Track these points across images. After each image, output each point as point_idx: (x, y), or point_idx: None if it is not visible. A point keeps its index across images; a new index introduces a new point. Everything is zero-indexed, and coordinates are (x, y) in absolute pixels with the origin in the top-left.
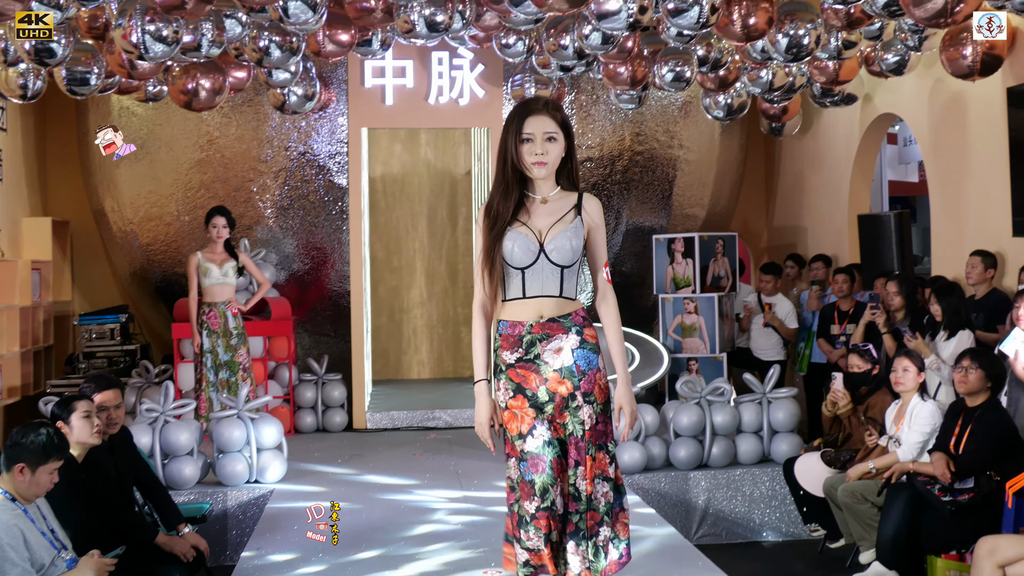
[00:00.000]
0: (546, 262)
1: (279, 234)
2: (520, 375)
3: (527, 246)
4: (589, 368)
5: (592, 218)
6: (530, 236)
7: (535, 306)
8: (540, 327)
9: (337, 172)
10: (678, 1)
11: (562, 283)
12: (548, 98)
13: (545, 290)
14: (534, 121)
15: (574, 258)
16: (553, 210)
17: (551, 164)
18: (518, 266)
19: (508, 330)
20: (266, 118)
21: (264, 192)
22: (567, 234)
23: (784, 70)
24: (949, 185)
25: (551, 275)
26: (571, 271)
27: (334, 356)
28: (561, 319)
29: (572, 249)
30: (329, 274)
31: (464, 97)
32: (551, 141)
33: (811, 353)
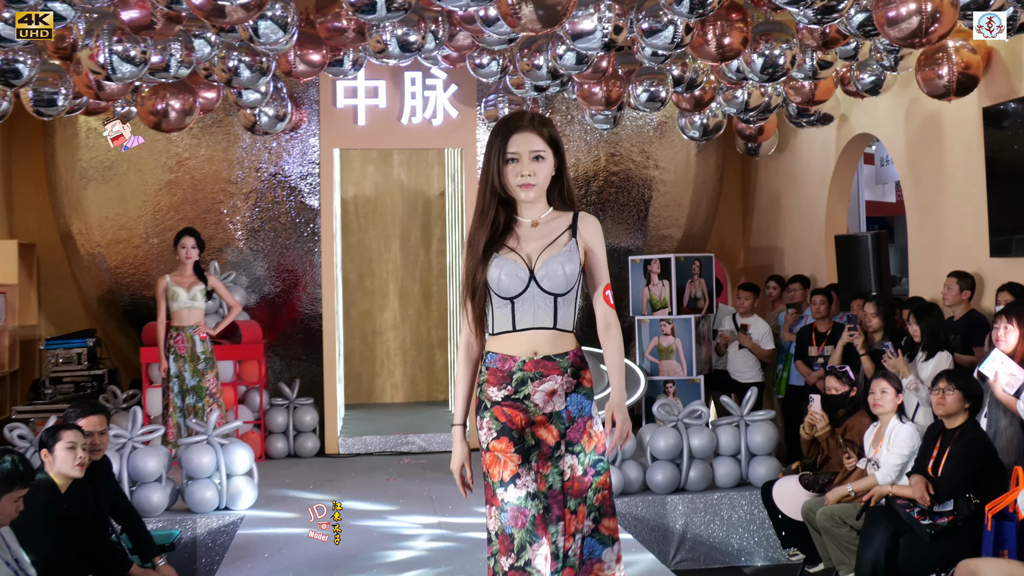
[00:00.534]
0: (537, 290)
1: (249, 256)
2: (507, 415)
3: (515, 273)
4: (580, 415)
5: (588, 239)
6: (518, 262)
7: (528, 340)
8: (533, 365)
9: (309, 193)
10: (652, 21)
11: (556, 313)
12: (535, 113)
13: (537, 321)
14: (519, 139)
15: (568, 285)
16: (544, 233)
17: (539, 185)
18: (506, 295)
19: (498, 364)
20: (236, 139)
21: (234, 214)
22: (559, 259)
23: (760, 90)
24: (926, 205)
25: (543, 305)
26: (566, 300)
27: (306, 380)
28: (557, 358)
29: (565, 275)
30: (300, 297)
31: (437, 117)
32: (538, 160)
33: (789, 375)
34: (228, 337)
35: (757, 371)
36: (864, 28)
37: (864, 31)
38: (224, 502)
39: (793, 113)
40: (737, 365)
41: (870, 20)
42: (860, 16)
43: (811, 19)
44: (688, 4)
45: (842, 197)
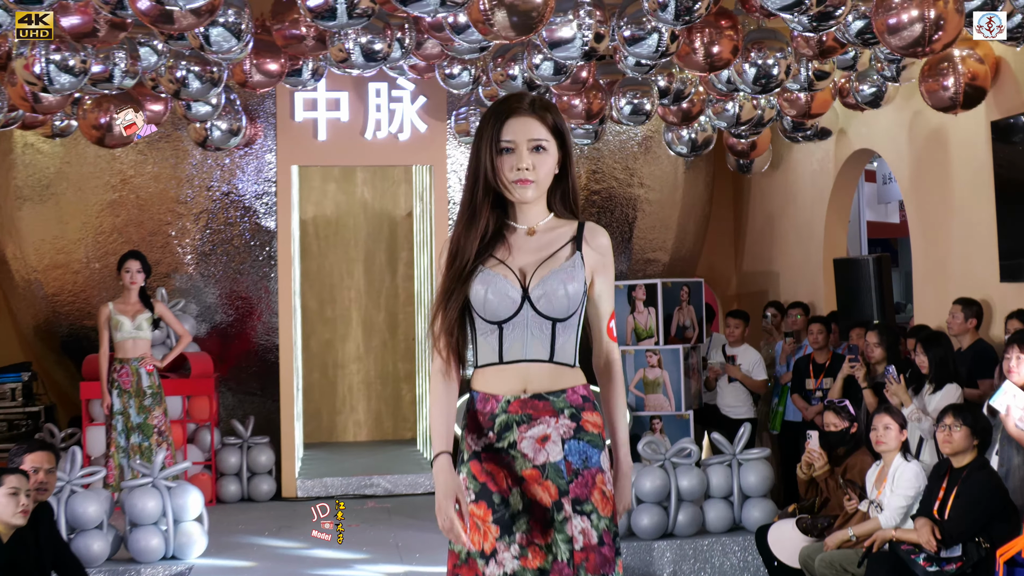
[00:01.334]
0: (532, 313)
1: (200, 282)
2: (487, 472)
3: (505, 291)
4: (586, 467)
5: (597, 256)
6: (509, 278)
7: (516, 375)
8: (520, 405)
9: (264, 214)
10: (635, 28)
11: (553, 343)
12: (536, 94)
13: (530, 352)
14: (516, 125)
15: (570, 308)
16: (543, 244)
17: (540, 183)
18: (493, 319)
19: (479, 405)
20: (186, 155)
21: (183, 236)
22: (560, 276)
23: (752, 102)
24: (932, 226)
25: (538, 332)
26: (566, 326)
27: (261, 417)
28: (551, 396)
29: (567, 296)
30: (255, 326)
31: (404, 132)
32: (539, 152)
33: (784, 410)
34: (176, 370)
35: (750, 406)
36: (863, 36)
37: (863, 39)
38: (171, 551)
39: (788, 127)
40: (728, 399)
41: (870, 28)
42: (859, 23)
43: (806, 26)
44: (674, 10)
45: (841, 218)
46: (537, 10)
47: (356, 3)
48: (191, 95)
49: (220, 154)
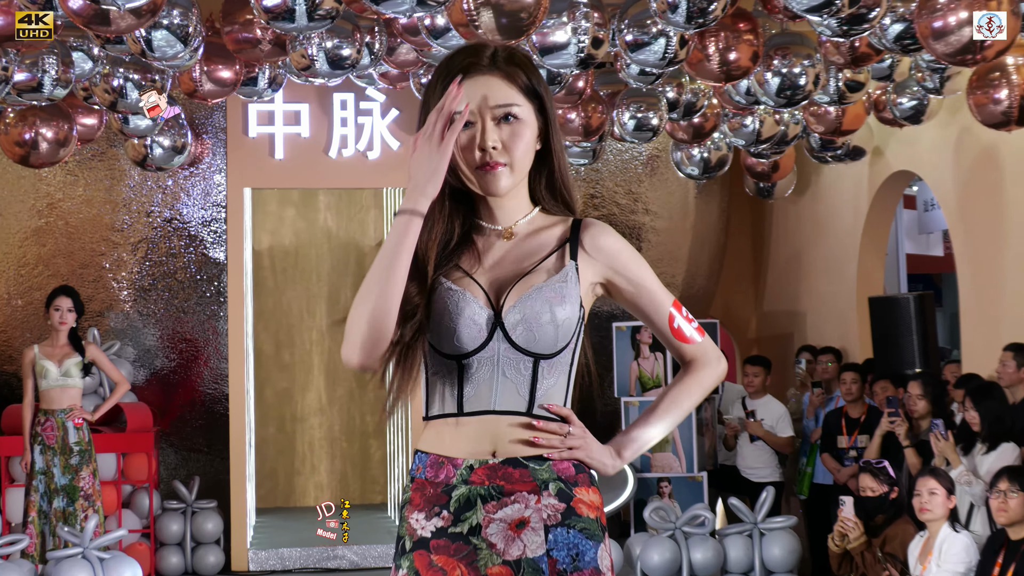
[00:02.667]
0: (504, 346)
1: (138, 322)
2: (438, 568)
3: (469, 314)
4: (577, 567)
5: (602, 263)
6: (476, 296)
7: (481, 431)
8: (487, 473)
9: (213, 243)
10: (639, 32)
11: (534, 388)
12: (504, 45)
13: (501, 400)
14: (474, 86)
15: (559, 340)
16: (524, 251)
17: (514, 165)
18: (451, 352)
19: (428, 472)
20: (122, 176)
21: (119, 269)
22: (544, 295)
23: (774, 117)
24: (981, 260)
25: (513, 372)
26: (554, 366)
27: (207, 478)
28: (531, 463)
29: (554, 323)
30: (201, 373)
31: (374, 150)
32: (509, 122)
33: (813, 472)
34: (110, 423)
35: (774, 467)
36: (903, 42)
37: (903, 45)
38: None
39: (816, 146)
40: (748, 459)
41: (910, 32)
42: (897, 27)
43: (836, 30)
44: (685, 11)
45: (877, 250)
46: (528, 11)
47: (319, 3)
48: (130, 107)
49: (162, 175)
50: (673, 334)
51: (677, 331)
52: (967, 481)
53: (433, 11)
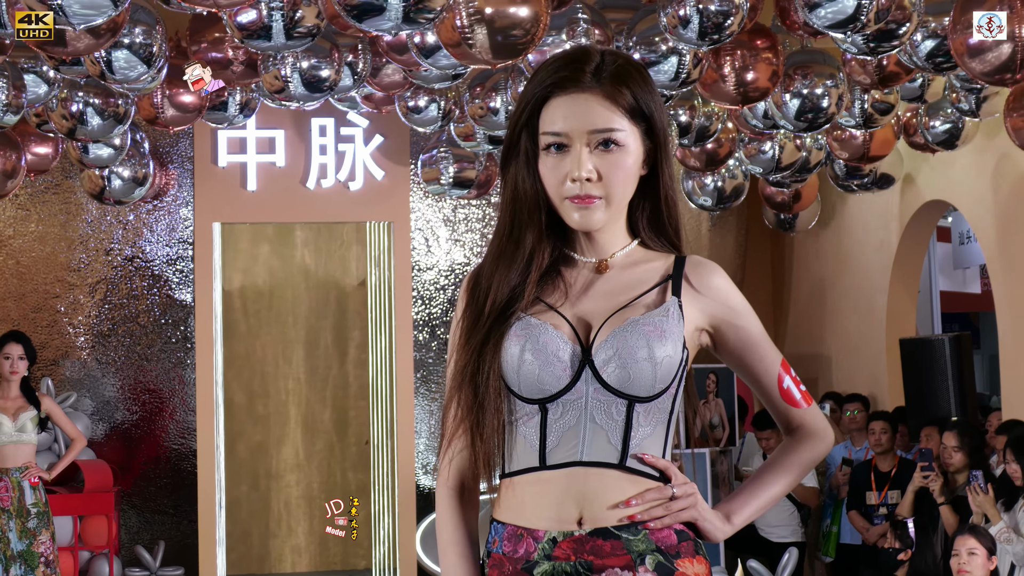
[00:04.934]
0: (595, 387)
1: (96, 371)
2: None
3: (552, 350)
4: None
5: (711, 302)
6: (561, 329)
7: (566, 490)
8: (572, 547)
9: (179, 284)
10: (647, 50)
11: (627, 436)
12: (607, 51)
13: (589, 451)
14: (569, 105)
15: (658, 382)
16: (620, 285)
17: (612, 198)
18: (532, 396)
19: (505, 546)
20: (79, 210)
21: (76, 312)
22: (642, 329)
23: (794, 142)
24: (1023, 297)
25: (604, 417)
26: (652, 412)
27: (174, 542)
28: (623, 532)
29: (651, 360)
30: (167, 426)
31: (356, 180)
32: (609, 149)
33: (840, 531)
34: (66, 483)
35: (796, 526)
36: (935, 60)
37: (935, 64)
38: None
39: (840, 173)
40: (768, 518)
41: (943, 49)
42: (929, 43)
43: (862, 47)
44: (698, 27)
45: (909, 287)
46: (524, 27)
47: (297, 19)
48: (89, 134)
49: (122, 209)
50: (782, 396)
51: (786, 393)
52: (1008, 539)
53: (422, 28)
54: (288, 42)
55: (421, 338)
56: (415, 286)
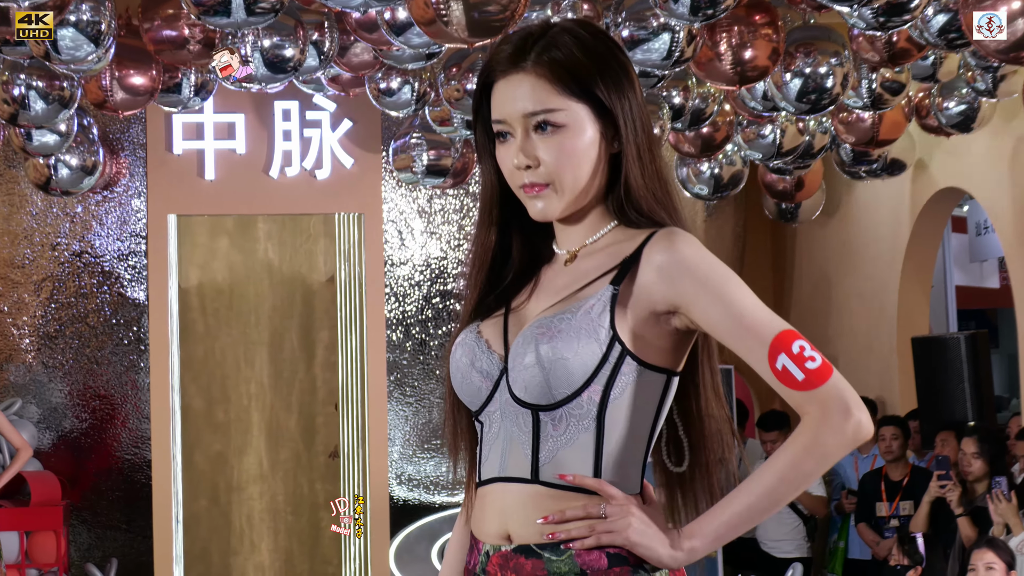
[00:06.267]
0: (506, 396)
1: (42, 375)
2: None
3: (475, 362)
4: None
5: (666, 279)
6: (486, 338)
7: (493, 506)
8: (500, 562)
9: (131, 281)
10: (637, 27)
11: (537, 449)
12: (556, 24)
13: (507, 466)
14: (505, 89)
15: (551, 386)
16: (575, 276)
17: (559, 183)
18: (472, 409)
19: (468, 558)
20: (22, 202)
21: (19, 312)
22: (535, 330)
23: (797, 126)
24: None
25: (516, 429)
26: (563, 420)
27: (127, 560)
28: (545, 552)
29: (540, 364)
30: (119, 435)
31: (323, 168)
32: (547, 132)
33: (848, 545)
34: (11, 496)
35: (801, 540)
36: (947, 35)
37: (948, 40)
38: None
39: (847, 159)
40: (771, 531)
41: (956, 23)
42: (942, 17)
43: (871, 22)
44: (690, 1)
45: (921, 282)
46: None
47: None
48: (33, 120)
49: (70, 201)
50: (778, 379)
51: (783, 374)
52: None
53: (393, 3)
54: (249, 18)
55: (395, 338)
56: (388, 282)
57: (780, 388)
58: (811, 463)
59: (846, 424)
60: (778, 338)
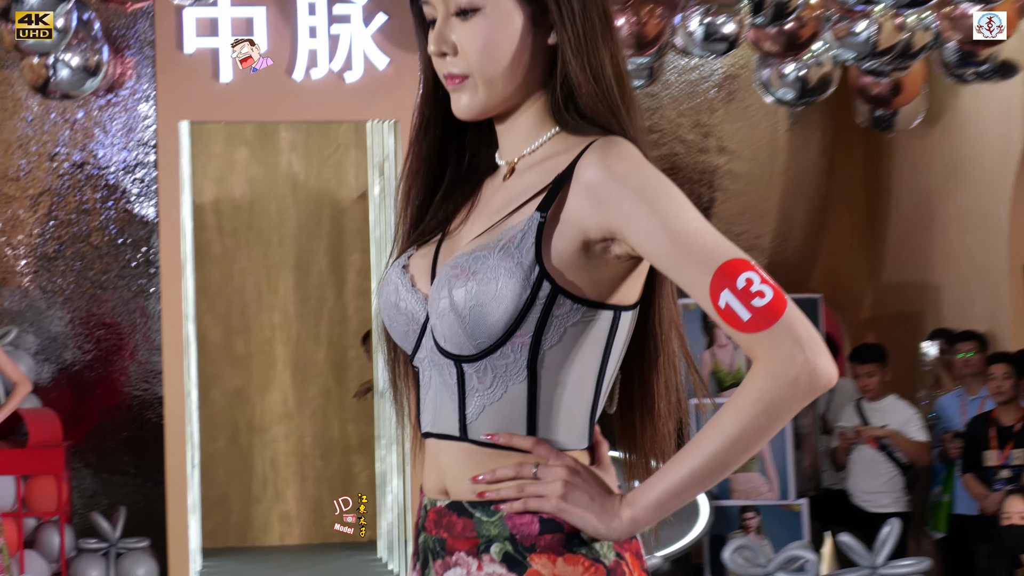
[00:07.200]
0: (431, 343)
1: (41, 301)
2: None
3: (397, 303)
4: None
5: (596, 198)
6: (411, 274)
7: (430, 459)
8: (435, 518)
9: (139, 196)
10: None
11: (463, 403)
12: None
13: (438, 421)
14: None
15: (471, 335)
16: (506, 199)
17: (482, 79)
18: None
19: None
20: (17, 107)
21: (15, 230)
22: (449, 270)
23: (895, 21)
24: None
25: (441, 382)
26: (488, 371)
27: (137, 508)
28: (477, 511)
29: (455, 310)
30: (127, 369)
31: (354, 70)
32: (466, 18)
33: (954, 499)
34: (6, 436)
35: (899, 492)
36: None
37: None
38: None
39: (952, 60)
40: (864, 482)
41: None
42: None
43: None
44: None
45: None
46: None
47: None
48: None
49: (70, 105)
50: (721, 317)
51: (727, 312)
52: None
53: None
54: None
55: None
56: None
57: (726, 328)
58: (762, 419)
59: (797, 373)
60: (721, 269)
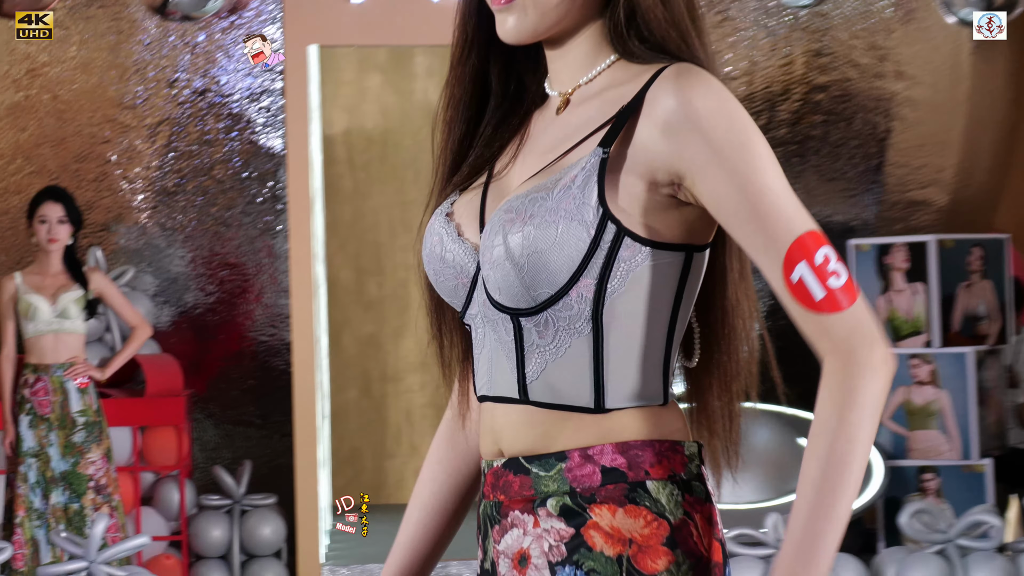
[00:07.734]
0: (483, 297)
1: (160, 239)
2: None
3: (443, 255)
4: None
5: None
6: (457, 221)
7: (485, 424)
8: (492, 481)
9: (265, 127)
10: None
11: (522, 362)
12: None
13: (495, 383)
14: None
15: (530, 285)
16: (562, 135)
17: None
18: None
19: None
20: (133, 29)
21: (132, 162)
22: (503, 215)
23: None
24: None
25: (497, 340)
26: (549, 324)
27: (262, 462)
28: (533, 465)
29: (511, 258)
30: (252, 313)
31: None
32: None
33: None
34: (122, 384)
35: None
36: None
37: None
38: None
39: None
40: None
41: None
42: None
43: None
44: None
45: None
46: None
47: None
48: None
49: (190, 28)
50: (790, 291)
51: (797, 287)
52: None
53: None
54: None
55: None
56: None
57: (792, 306)
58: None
59: (877, 358)
60: (800, 240)
